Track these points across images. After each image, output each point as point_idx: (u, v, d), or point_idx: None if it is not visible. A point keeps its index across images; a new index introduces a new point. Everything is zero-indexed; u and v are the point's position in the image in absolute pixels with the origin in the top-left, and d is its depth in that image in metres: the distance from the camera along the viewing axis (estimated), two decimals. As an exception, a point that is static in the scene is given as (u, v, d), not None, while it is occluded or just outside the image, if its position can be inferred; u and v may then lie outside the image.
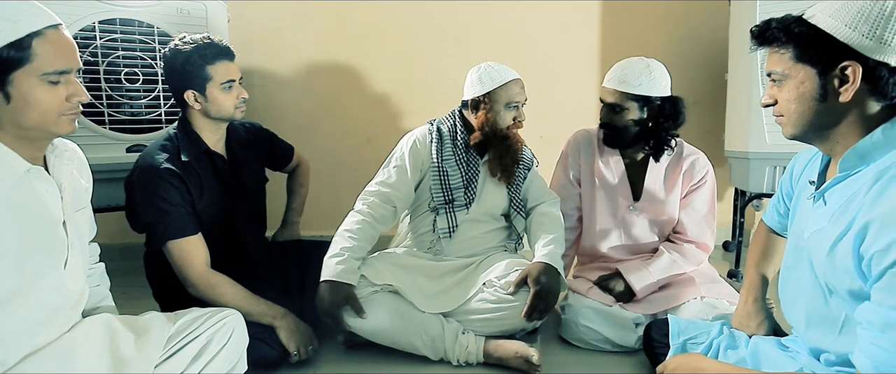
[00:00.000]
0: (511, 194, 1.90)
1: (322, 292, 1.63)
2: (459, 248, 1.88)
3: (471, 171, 1.85)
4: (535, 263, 1.71)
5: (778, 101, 1.03)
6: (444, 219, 1.83)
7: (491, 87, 1.78)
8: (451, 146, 1.84)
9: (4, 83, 0.96)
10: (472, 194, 1.85)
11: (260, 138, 1.95)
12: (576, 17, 2.83)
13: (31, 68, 0.97)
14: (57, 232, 1.07)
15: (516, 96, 1.80)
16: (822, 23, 0.95)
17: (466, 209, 1.84)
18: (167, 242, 1.55)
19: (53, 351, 1.04)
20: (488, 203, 1.89)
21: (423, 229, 1.91)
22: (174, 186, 1.56)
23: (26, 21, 0.96)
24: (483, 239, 1.91)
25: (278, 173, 2.13)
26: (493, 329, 1.71)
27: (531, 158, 1.98)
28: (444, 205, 1.82)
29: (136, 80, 2.02)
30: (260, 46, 2.71)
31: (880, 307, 0.87)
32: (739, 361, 1.21)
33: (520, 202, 1.92)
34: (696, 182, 1.89)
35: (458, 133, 1.86)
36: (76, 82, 1.04)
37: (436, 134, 1.86)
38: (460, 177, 1.83)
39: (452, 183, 1.82)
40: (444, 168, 1.82)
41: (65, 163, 1.12)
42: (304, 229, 2.17)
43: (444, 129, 1.87)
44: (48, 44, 0.98)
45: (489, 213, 1.90)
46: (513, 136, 1.84)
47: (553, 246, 1.76)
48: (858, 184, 0.95)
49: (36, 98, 0.98)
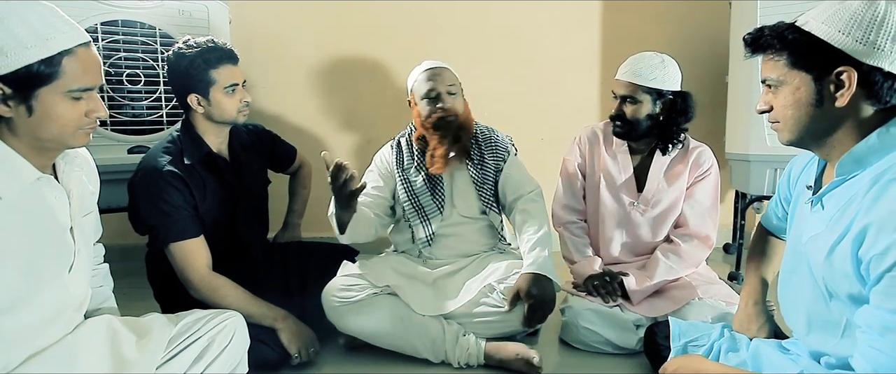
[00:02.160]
0: (478, 191, 1.85)
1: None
2: (445, 252, 1.87)
3: (434, 175, 1.84)
4: (523, 276, 1.67)
5: (774, 107, 1.04)
6: (421, 228, 1.83)
7: (411, 84, 1.86)
8: (409, 155, 1.86)
9: (29, 97, 0.96)
10: (441, 197, 1.84)
11: (263, 140, 1.95)
12: (576, 17, 2.83)
13: (57, 85, 0.98)
14: (64, 238, 1.07)
15: (433, 86, 1.80)
16: (816, 29, 0.95)
17: (440, 213, 1.83)
18: (169, 244, 1.56)
19: (56, 352, 1.05)
20: (461, 204, 1.87)
21: (404, 243, 1.91)
22: (177, 188, 1.57)
23: (58, 39, 0.97)
24: (468, 239, 1.89)
25: (280, 175, 2.13)
26: (494, 332, 1.71)
27: (507, 145, 1.94)
28: (415, 214, 1.82)
29: (137, 81, 2.03)
30: (261, 48, 2.71)
31: (879, 311, 0.87)
32: (740, 363, 1.21)
33: (490, 200, 1.86)
34: (701, 174, 1.89)
35: (415, 140, 1.88)
36: (97, 98, 1.05)
37: (396, 147, 1.89)
38: (423, 182, 1.83)
39: (418, 190, 1.82)
40: (407, 177, 1.84)
41: (75, 170, 1.13)
42: (306, 230, 2.18)
43: (403, 140, 1.90)
44: (77, 62, 0.99)
45: (465, 214, 1.88)
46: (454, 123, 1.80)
47: (538, 249, 1.72)
48: (855, 188, 0.96)
49: (57, 113, 0.99)
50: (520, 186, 1.88)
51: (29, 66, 0.94)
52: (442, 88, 1.81)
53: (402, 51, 2.80)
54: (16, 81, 0.94)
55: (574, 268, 1.95)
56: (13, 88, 0.95)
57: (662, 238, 1.93)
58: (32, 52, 0.94)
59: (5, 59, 0.92)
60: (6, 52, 0.92)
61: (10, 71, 0.93)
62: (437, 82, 1.81)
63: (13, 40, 0.93)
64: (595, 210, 1.97)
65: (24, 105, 0.97)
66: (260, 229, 1.93)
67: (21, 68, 0.94)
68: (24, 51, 0.93)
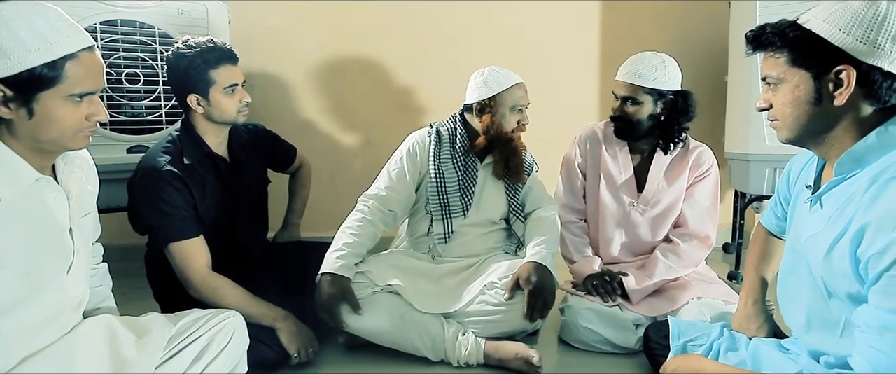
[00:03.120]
0: (509, 199, 1.90)
1: (320, 284, 1.64)
2: (457, 251, 1.88)
3: (469, 175, 1.85)
4: (523, 264, 1.71)
5: (773, 105, 1.04)
6: (441, 225, 1.83)
7: (497, 90, 1.79)
8: (449, 150, 1.85)
9: (30, 100, 0.96)
10: (469, 198, 1.85)
11: (262, 140, 1.95)
12: (576, 17, 2.84)
13: (59, 89, 0.97)
14: (63, 239, 1.07)
15: (521, 100, 1.81)
16: (817, 27, 0.95)
17: (463, 215, 1.84)
18: (169, 244, 1.56)
19: (55, 352, 1.05)
20: (486, 208, 1.89)
21: (419, 233, 1.91)
22: (176, 188, 1.57)
23: (63, 43, 0.96)
24: (481, 241, 1.91)
25: (279, 175, 2.13)
26: (493, 331, 1.71)
27: (531, 163, 1.98)
28: (439, 209, 1.83)
29: (136, 81, 2.03)
30: (260, 47, 2.71)
31: (877, 310, 0.87)
32: (740, 363, 1.21)
33: (519, 207, 1.92)
34: (701, 174, 1.89)
35: (458, 137, 1.86)
36: (98, 102, 1.05)
37: (434, 137, 1.87)
38: (457, 181, 1.83)
39: (449, 187, 1.82)
40: (442, 171, 1.83)
41: (74, 170, 1.13)
42: (305, 230, 2.17)
43: (444, 132, 1.88)
44: (81, 66, 0.99)
45: (487, 218, 1.90)
46: (516, 139, 1.84)
47: (542, 246, 1.75)
48: (854, 187, 0.96)
49: (58, 116, 0.99)
50: (539, 198, 1.94)
51: (32, 69, 0.94)
52: (526, 103, 1.84)
53: (402, 51, 2.80)
54: (17, 83, 0.94)
55: (573, 267, 1.95)
56: (14, 91, 0.95)
57: (662, 238, 1.93)
58: (36, 55, 0.94)
59: (8, 62, 0.92)
60: (9, 54, 0.92)
61: (13, 74, 0.93)
62: (526, 99, 1.84)
63: (16, 43, 0.92)
64: (595, 210, 1.97)
65: (24, 108, 0.96)
66: (260, 228, 1.93)
67: (23, 71, 0.93)
68: (28, 54, 0.93)
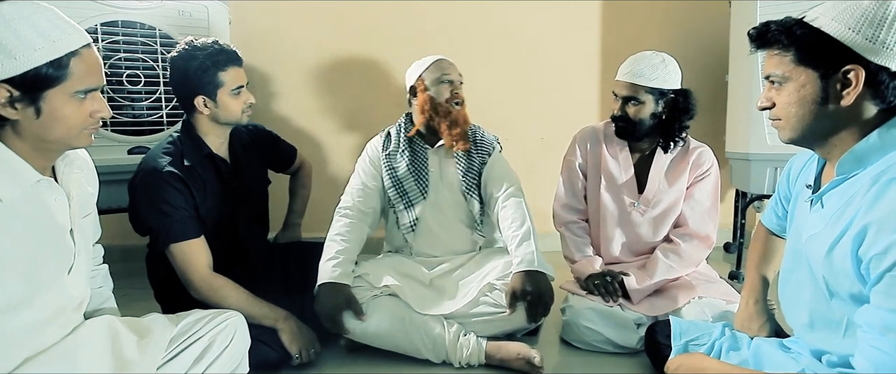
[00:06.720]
0: (464, 179, 1.88)
1: (321, 295, 1.64)
2: (430, 243, 1.89)
3: (417, 159, 1.88)
4: (514, 276, 1.67)
5: (776, 104, 1.03)
6: (405, 214, 1.86)
7: (419, 71, 1.88)
8: (396, 142, 1.90)
9: (37, 99, 0.97)
10: (425, 182, 1.87)
11: (263, 140, 1.95)
12: (576, 17, 2.83)
13: (65, 86, 0.98)
14: (64, 240, 1.07)
15: (446, 71, 1.86)
16: (825, 26, 0.94)
17: (423, 197, 1.86)
18: (170, 245, 1.56)
19: (56, 353, 1.05)
20: (445, 192, 1.90)
21: (392, 229, 1.94)
22: (177, 189, 1.57)
23: (65, 40, 0.97)
24: (452, 229, 1.90)
25: (280, 175, 2.13)
26: (494, 330, 1.72)
27: (492, 142, 1.98)
28: (399, 198, 1.86)
29: (137, 82, 2.03)
30: (260, 48, 2.71)
31: (879, 310, 0.87)
32: (742, 362, 1.20)
33: (472, 185, 1.88)
34: (701, 174, 1.89)
35: (404, 128, 1.93)
36: (100, 98, 1.06)
37: (385, 135, 1.94)
38: (407, 166, 1.86)
39: (401, 175, 1.86)
40: (391, 163, 1.88)
41: (74, 171, 1.13)
42: (306, 230, 2.18)
43: (393, 130, 1.95)
44: (83, 63, 1.00)
45: (452, 200, 1.90)
46: (456, 111, 1.86)
47: (524, 245, 1.72)
48: (855, 187, 0.95)
49: (64, 114, 1.00)
50: (502, 178, 1.90)
51: (37, 68, 0.94)
52: (455, 77, 1.88)
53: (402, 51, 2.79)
54: (24, 83, 0.95)
55: (575, 267, 1.95)
56: (21, 91, 0.95)
57: (662, 238, 1.93)
58: (40, 54, 0.94)
59: (14, 62, 0.93)
60: (15, 54, 0.92)
61: (19, 73, 0.93)
62: (451, 71, 1.88)
63: (21, 43, 0.93)
64: (596, 210, 1.97)
65: (32, 107, 0.97)
66: (260, 229, 1.93)
67: (29, 71, 0.94)
68: (33, 53, 0.94)
